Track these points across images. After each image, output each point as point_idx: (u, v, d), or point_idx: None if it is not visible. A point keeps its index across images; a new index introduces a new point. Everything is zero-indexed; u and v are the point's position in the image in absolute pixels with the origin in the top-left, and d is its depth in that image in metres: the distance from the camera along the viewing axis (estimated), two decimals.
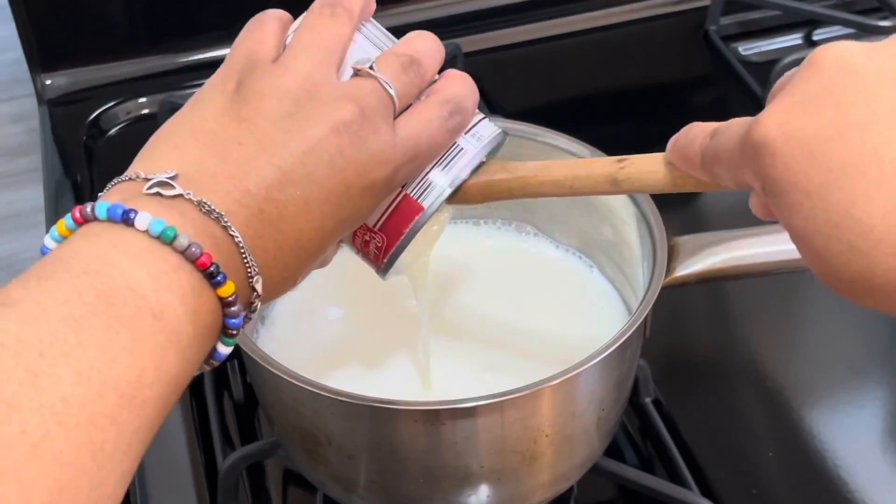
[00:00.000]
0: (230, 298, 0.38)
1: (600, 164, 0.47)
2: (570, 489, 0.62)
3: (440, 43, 0.47)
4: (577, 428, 0.55)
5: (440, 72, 0.47)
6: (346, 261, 0.55)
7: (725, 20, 1.00)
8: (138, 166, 0.40)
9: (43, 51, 0.92)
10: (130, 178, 0.39)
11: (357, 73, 0.44)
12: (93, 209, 0.37)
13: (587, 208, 0.64)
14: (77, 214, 0.38)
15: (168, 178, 0.38)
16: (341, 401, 0.51)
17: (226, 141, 0.40)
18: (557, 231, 0.68)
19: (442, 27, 0.97)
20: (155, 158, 0.40)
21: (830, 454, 0.64)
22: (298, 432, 0.56)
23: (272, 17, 0.45)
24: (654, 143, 0.92)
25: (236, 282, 0.38)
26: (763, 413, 0.68)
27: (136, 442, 0.34)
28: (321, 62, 0.43)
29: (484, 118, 0.49)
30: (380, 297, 0.65)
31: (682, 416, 0.66)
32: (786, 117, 0.36)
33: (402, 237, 0.47)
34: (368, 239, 0.48)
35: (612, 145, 0.63)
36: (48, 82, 0.94)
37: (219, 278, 0.37)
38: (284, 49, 0.44)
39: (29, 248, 0.94)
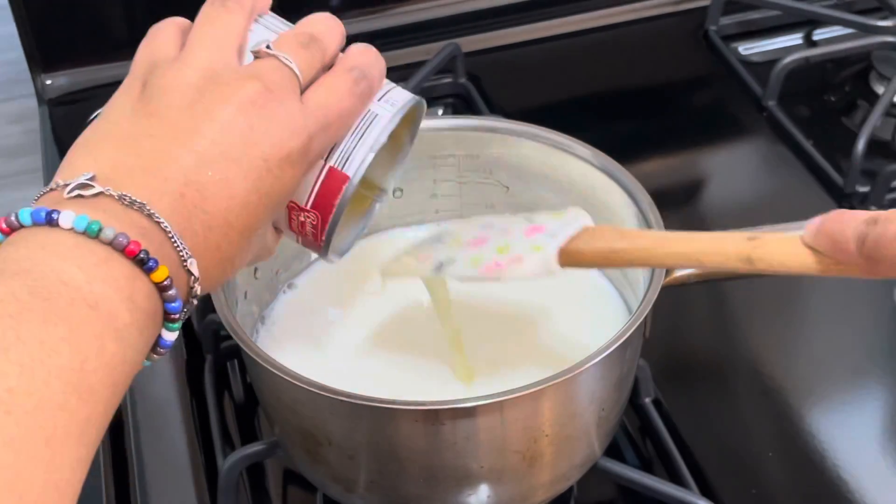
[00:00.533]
0: (165, 283, 0.39)
1: (731, 242, 0.47)
2: (570, 489, 0.62)
3: (338, 21, 0.48)
4: (577, 428, 0.55)
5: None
6: (346, 261, 0.55)
7: (725, 20, 1.00)
8: (57, 177, 0.41)
9: (43, 51, 0.92)
10: (51, 189, 0.40)
11: (256, 55, 0.45)
12: (16, 217, 0.38)
13: (587, 208, 0.64)
14: (3, 225, 0.39)
15: (86, 179, 0.39)
16: (341, 401, 0.51)
17: (137, 137, 0.42)
18: None
19: (442, 27, 0.97)
20: (72, 166, 0.41)
21: (830, 454, 0.64)
22: (298, 432, 0.56)
23: (169, 23, 0.47)
24: (655, 142, 0.93)
25: (170, 267, 0.39)
26: (763, 413, 0.68)
27: (90, 428, 0.35)
28: (219, 51, 0.45)
29: (396, 86, 0.50)
30: (379, 297, 0.65)
31: (682, 416, 0.66)
32: None
33: (335, 210, 0.48)
34: (304, 220, 0.48)
35: (613, 145, 0.63)
36: (48, 82, 0.94)
37: (150, 264, 0.38)
38: None
39: None
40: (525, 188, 0.67)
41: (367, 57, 0.48)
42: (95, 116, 0.44)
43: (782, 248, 0.46)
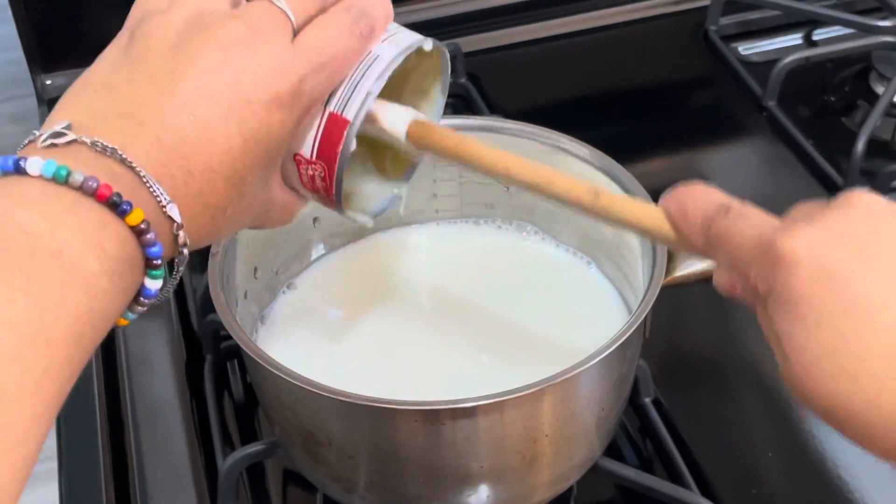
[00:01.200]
0: (141, 226, 0.38)
1: (584, 182, 0.46)
2: (570, 489, 0.62)
3: None
4: (577, 428, 0.55)
5: None
6: (346, 262, 0.56)
7: (725, 20, 1.00)
8: (38, 130, 0.40)
9: (43, 51, 0.92)
10: (29, 141, 0.39)
11: None
12: None
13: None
14: None
15: (61, 128, 0.38)
16: (341, 401, 0.51)
17: (116, 83, 0.41)
18: (558, 230, 0.68)
19: (442, 27, 0.97)
20: (51, 119, 0.40)
21: (830, 454, 0.64)
22: (298, 432, 0.56)
23: None
24: (655, 142, 0.93)
25: (147, 211, 0.38)
26: (763, 413, 0.68)
27: (48, 382, 0.34)
28: None
29: (405, 29, 0.48)
30: (379, 298, 0.65)
31: (682, 416, 0.66)
32: (816, 241, 0.38)
33: (339, 157, 0.45)
34: (312, 173, 0.46)
35: (613, 145, 0.63)
36: (48, 82, 0.94)
37: (124, 207, 0.37)
38: None
39: None
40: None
41: None
42: None
43: (632, 199, 0.46)
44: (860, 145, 0.81)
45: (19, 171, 0.37)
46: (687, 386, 0.70)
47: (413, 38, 0.47)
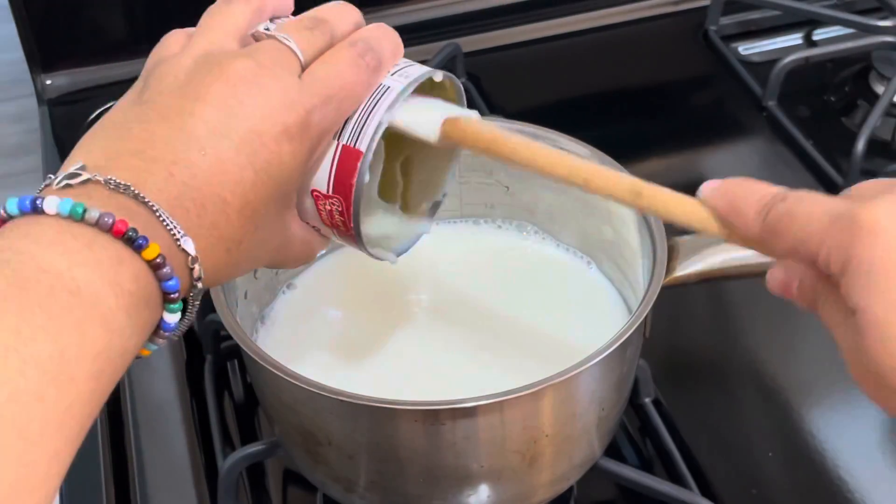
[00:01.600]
0: (157, 260, 0.38)
1: (626, 176, 0.46)
2: (570, 489, 0.62)
3: (353, 7, 0.47)
4: (577, 428, 0.55)
5: None
6: (346, 263, 0.56)
7: (725, 20, 1.00)
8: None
9: (43, 51, 0.92)
10: (45, 185, 0.40)
11: (255, 37, 0.45)
12: (4, 207, 0.38)
13: (588, 208, 0.64)
14: None
15: (75, 169, 0.39)
16: (341, 401, 0.51)
17: (129, 124, 0.41)
18: (558, 230, 0.68)
19: (442, 27, 0.97)
20: (66, 163, 0.41)
21: (830, 454, 0.64)
22: (298, 432, 0.56)
23: (177, 32, 0.46)
24: (655, 142, 0.93)
25: (162, 245, 0.38)
26: (763, 413, 0.68)
27: (70, 419, 0.34)
28: (217, 38, 0.44)
29: (415, 63, 0.48)
30: (379, 298, 0.65)
31: (682, 416, 0.66)
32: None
33: (354, 189, 0.46)
34: (330, 208, 0.47)
35: (613, 145, 0.63)
36: (48, 82, 0.94)
37: (140, 241, 0.38)
38: None
39: None
40: (525, 188, 0.67)
41: (375, 31, 0.46)
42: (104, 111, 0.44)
43: (675, 195, 0.45)
44: (860, 145, 0.81)
45: (36, 210, 0.37)
46: (687, 386, 0.70)
47: (423, 70, 0.48)
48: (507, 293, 0.65)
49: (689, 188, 0.44)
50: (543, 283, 0.66)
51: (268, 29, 0.45)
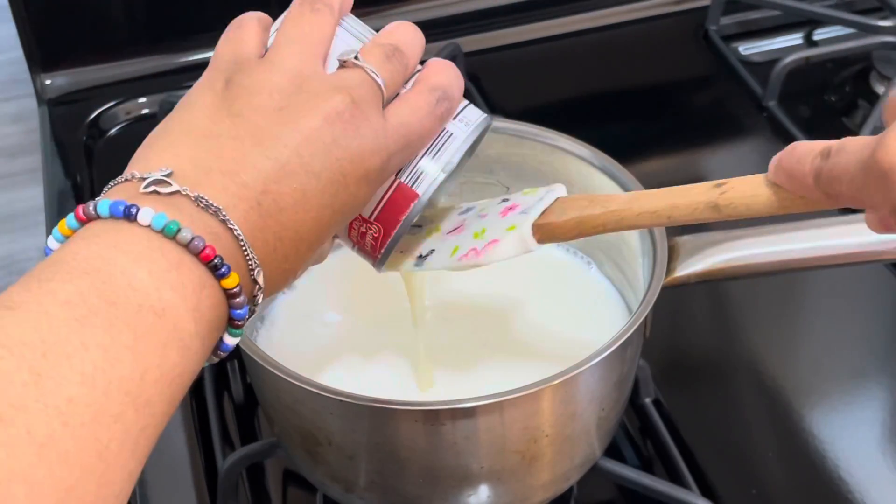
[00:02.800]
0: (235, 290, 0.38)
1: (698, 191, 0.46)
2: (570, 489, 0.62)
3: (420, 32, 0.47)
4: (577, 428, 0.55)
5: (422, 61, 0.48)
6: (346, 264, 0.55)
7: (725, 20, 1.00)
8: (133, 167, 0.40)
9: (43, 51, 0.92)
10: (127, 179, 0.39)
11: (343, 64, 0.44)
12: (95, 207, 0.37)
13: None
14: (80, 213, 0.38)
15: (164, 175, 0.39)
16: (341, 401, 0.51)
17: (219, 137, 0.41)
18: None
19: (442, 27, 0.97)
20: (150, 159, 0.40)
21: (830, 454, 0.64)
22: (298, 432, 0.56)
23: (251, 18, 0.46)
24: (655, 142, 0.93)
25: (239, 274, 0.39)
26: (763, 413, 0.68)
27: (143, 440, 0.34)
28: (307, 56, 0.44)
29: (469, 104, 0.49)
30: (379, 298, 0.65)
31: (682, 416, 0.66)
32: None
33: (399, 226, 0.47)
34: (364, 230, 0.48)
35: (613, 145, 0.63)
36: (48, 82, 0.94)
37: (223, 270, 0.38)
38: (267, 48, 0.44)
39: (29, 248, 0.94)
40: (525, 188, 0.66)
41: (449, 76, 0.47)
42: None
43: (747, 190, 0.45)
44: None
45: (129, 217, 0.37)
46: (687, 386, 0.70)
47: (479, 117, 0.49)
48: (507, 293, 0.65)
49: None
50: (543, 283, 0.66)
51: (355, 57, 0.44)
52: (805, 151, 0.42)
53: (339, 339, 0.64)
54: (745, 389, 0.70)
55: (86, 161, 0.90)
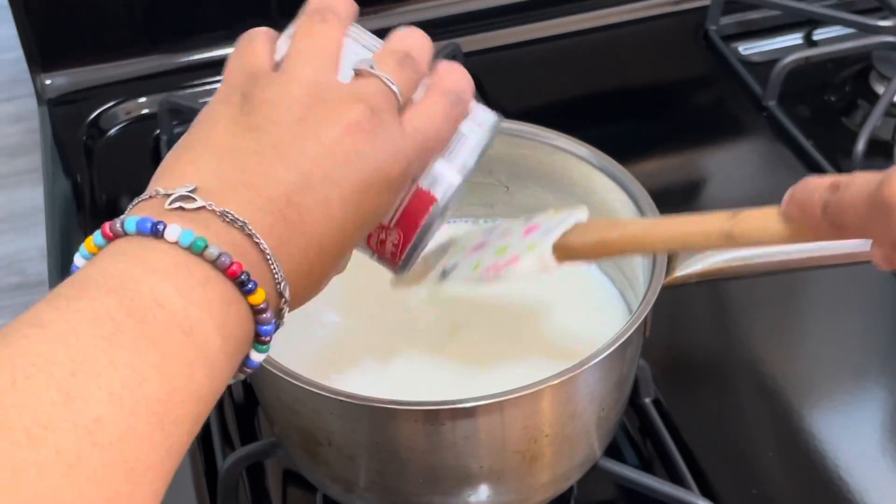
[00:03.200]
0: (262, 306, 0.38)
1: (714, 221, 0.48)
2: (570, 489, 0.62)
3: (427, 36, 0.48)
4: (577, 428, 0.55)
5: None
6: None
7: (725, 20, 1.00)
8: (157, 184, 0.40)
9: (43, 51, 0.92)
10: (151, 196, 0.39)
11: (358, 73, 0.44)
12: (122, 224, 0.37)
13: (588, 208, 0.64)
14: (107, 230, 0.37)
15: (188, 191, 0.38)
16: (341, 401, 0.51)
17: (241, 151, 0.40)
18: None
19: (442, 27, 0.97)
20: (173, 175, 0.40)
21: (830, 454, 0.64)
22: (298, 432, 0.56)
23: (260, 33, 0.46)
24: (655, 142, 0.93)
25: (265, 289, 0.38)
26: (763, 413, 0.68)
27: (169, 460, 0.34)
28: (322, 66, 0.44)
29: (480, 105, 0.50)
30: (378, 299, 0.65)
31: (682, 416, 0.66)
32: None
33: (419, 230, 0.47)
34: (384, 237, 0.48)
35: (613, 145, 0.63)
36: (48, 82, 0.94)
37: (250, 286, 0.37)
38: (277, 61, 0.44)
39: (29, 248, 0.94)
40: (525, 188, 0.67)
41: (460, 79, 0.47)
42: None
43: (760, 222, 0.46)
44: (860, 145, 0.81)
45: (156, 234, 0.37)
46: (687, 386, 0.70)
47: (490, 118, 0.50)
48: (506, 293, 0.65)
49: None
50: (543, 283, 0.66)
51: (371, 66, 0.44)
52: (816, 185, 0.43)
53: (339, 339, 0.64)
54: (745, 389, 0.70)
55: (86, 161, 0.90)
